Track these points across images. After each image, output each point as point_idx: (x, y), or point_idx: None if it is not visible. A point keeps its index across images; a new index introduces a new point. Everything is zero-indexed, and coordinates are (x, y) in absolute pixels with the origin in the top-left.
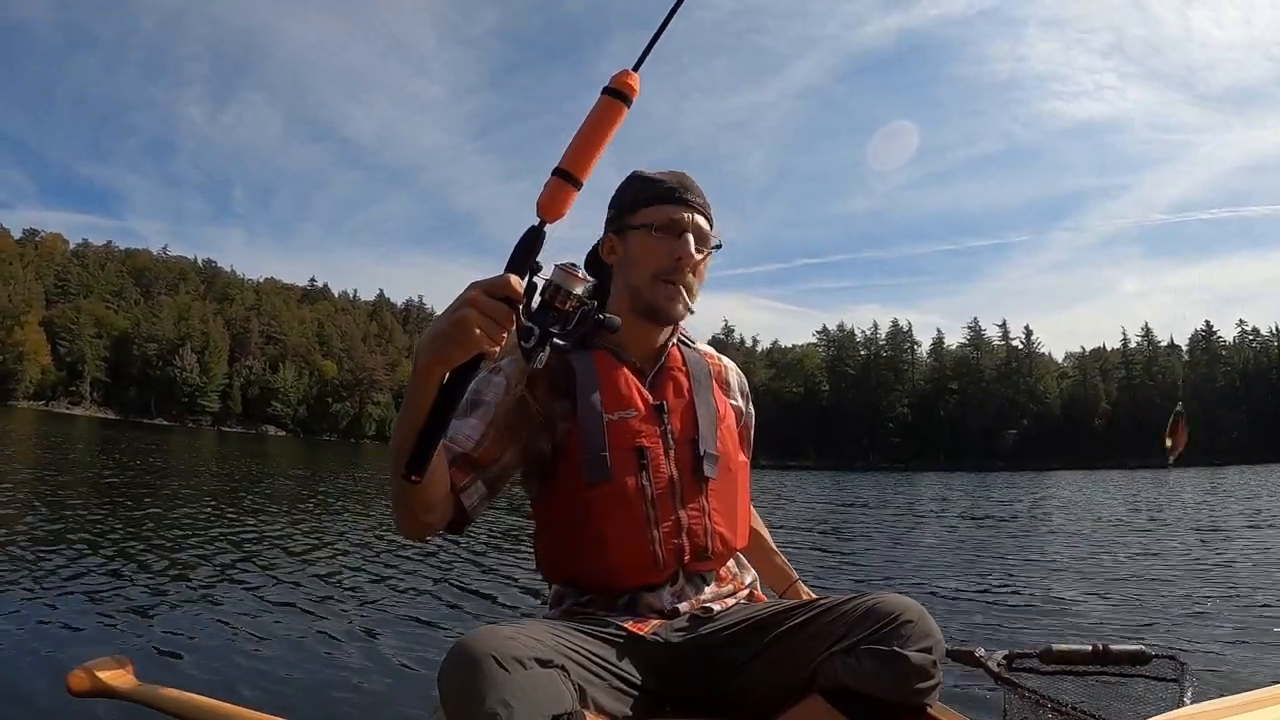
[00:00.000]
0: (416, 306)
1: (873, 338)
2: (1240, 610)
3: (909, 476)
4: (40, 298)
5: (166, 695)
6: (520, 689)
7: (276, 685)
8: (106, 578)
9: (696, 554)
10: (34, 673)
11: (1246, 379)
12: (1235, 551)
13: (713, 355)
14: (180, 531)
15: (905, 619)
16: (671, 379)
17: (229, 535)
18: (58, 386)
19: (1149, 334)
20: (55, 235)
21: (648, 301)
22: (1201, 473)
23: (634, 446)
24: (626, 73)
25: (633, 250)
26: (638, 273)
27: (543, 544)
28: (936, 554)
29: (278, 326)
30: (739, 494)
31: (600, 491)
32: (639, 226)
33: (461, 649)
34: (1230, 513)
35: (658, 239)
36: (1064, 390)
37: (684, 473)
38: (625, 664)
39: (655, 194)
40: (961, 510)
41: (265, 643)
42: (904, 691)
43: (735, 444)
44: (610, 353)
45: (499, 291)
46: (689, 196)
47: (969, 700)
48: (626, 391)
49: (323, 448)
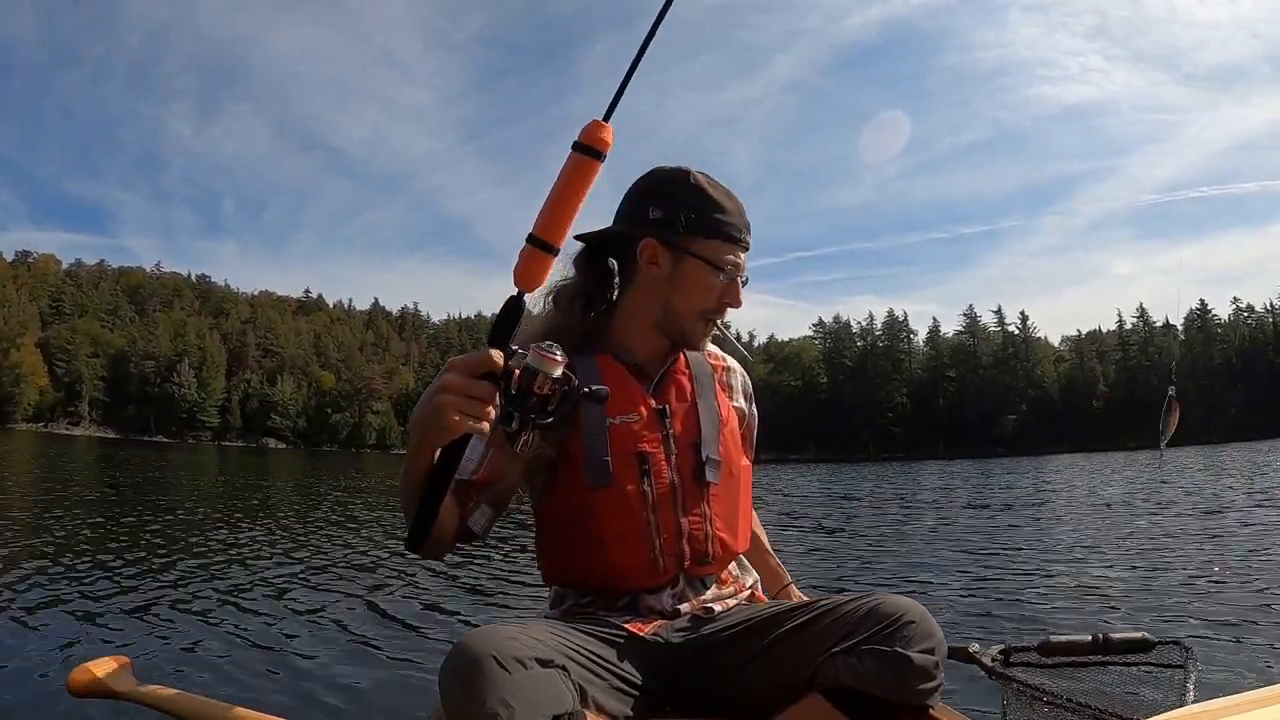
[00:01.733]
0: (412, 314)
1: (869, 329)
2: (1247, 594)
3: (909, 466)
4: (35, 319)
5: (166, 695)
6: (521, 689)
7: (276, 685)
8: (108, 581)
9: (697, 558)
10: (34, 673)
11: (1244, 356)
12: (1239, 532)
13: (716, 355)
14: (181, 538)
15: (908, 620)
16: (675, 383)
17: (230, 540)
18: (56, 407)
19: (1144, 315)
20: (48, 256)
21: (683, 331)
22: (1202, 450)
23: (636, 451)
24: (597, 124)
25: (684, 276)
26: (683, 302)
27: (544, 546)
28: (936, 544)
29: (274, 339)
30: (740, 498)
31: (602, 496)
32: (700, 257)
33: (462, 649)
34: (1233, 492)
35: (717, 279)
36: (1061, 374)
37: (685, 478)
38: (626, 664)
39: (725, 230)
40: (961, 498)
41: (265, 643)
42: (906, 692)
43: (738, 448)
44: (615, 355)
45: (478, 369)
46: (749, 239)
47: (971, 699)
48: (629, 396)
49: (324, 458)
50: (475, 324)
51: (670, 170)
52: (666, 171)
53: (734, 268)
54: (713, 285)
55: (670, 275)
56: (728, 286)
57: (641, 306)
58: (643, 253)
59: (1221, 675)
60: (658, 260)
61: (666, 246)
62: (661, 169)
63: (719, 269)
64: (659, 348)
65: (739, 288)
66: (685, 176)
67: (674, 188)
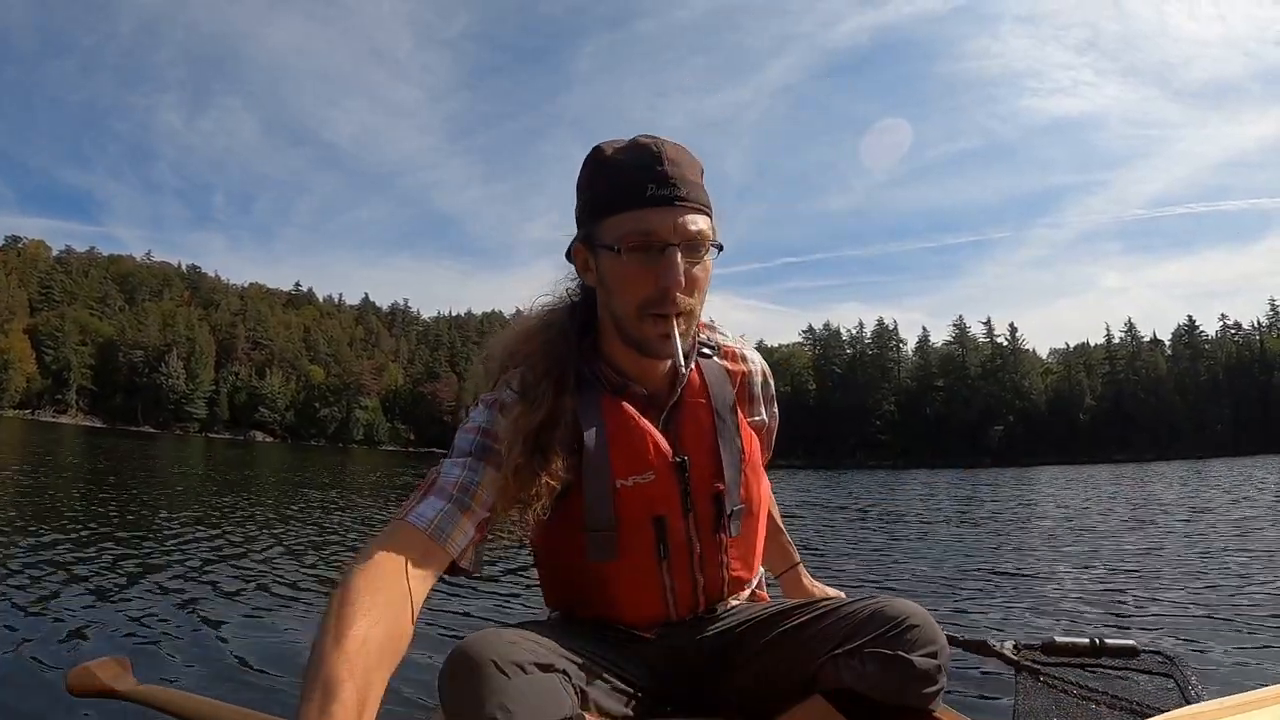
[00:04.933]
0: (402, 310)
1: (858, 336)
2: (1229, 604)
3: (896, 474)
4: (24, 305)
5: (166, 695)
6: (520, 694)
7: (276, 685)
8: (106, 580)
9: (710, 603)
10: (33, 673)
11: (1230, 373)
12: (1222, 543)
13: (736, 356)
14: (178, 535)
15: (910, 623)
16: (691, 415)
17: (226, 538)
18: (43, 395)
19: (1132, 329)
20: (38, 242)
21: (635, 339)
22: (1187, 465)
23: (650, 517)
24: None
25: (605, 274)
26: (618, 305)
27: (544, 574)
28: (923, 552)
29: (264, 332)
30: (759, 533)
31: (609, 567)
32: (604, 246)
33: (461, 653)
34: (1216, 505)
35: (633, 262)
36: (1049, 386)
37: (704, 535)
38: (627, 665)
39: (621, 194)
40: (947, 507)
41: (265, 643)
42: (908, 695)
43: (759, 482)
44: (619, 391)
45: None
46: (669, 190)
47: (971, 706)
48: (642, 449)
49: (311, 453)
50: (465, 321)
51: (588, 154)
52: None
53: (645, 239)
54: (633, 271)
55: (600, 277)
56: (655, 267)
57: (605, 322)
58: (575, 263)
59: (1213, 687)
60: (587, 265)
61: (586, 245)
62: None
63: (626, 250)
64: (648, 366)
65: (671, 261)
66: (591, 154)
67: (582, 174)
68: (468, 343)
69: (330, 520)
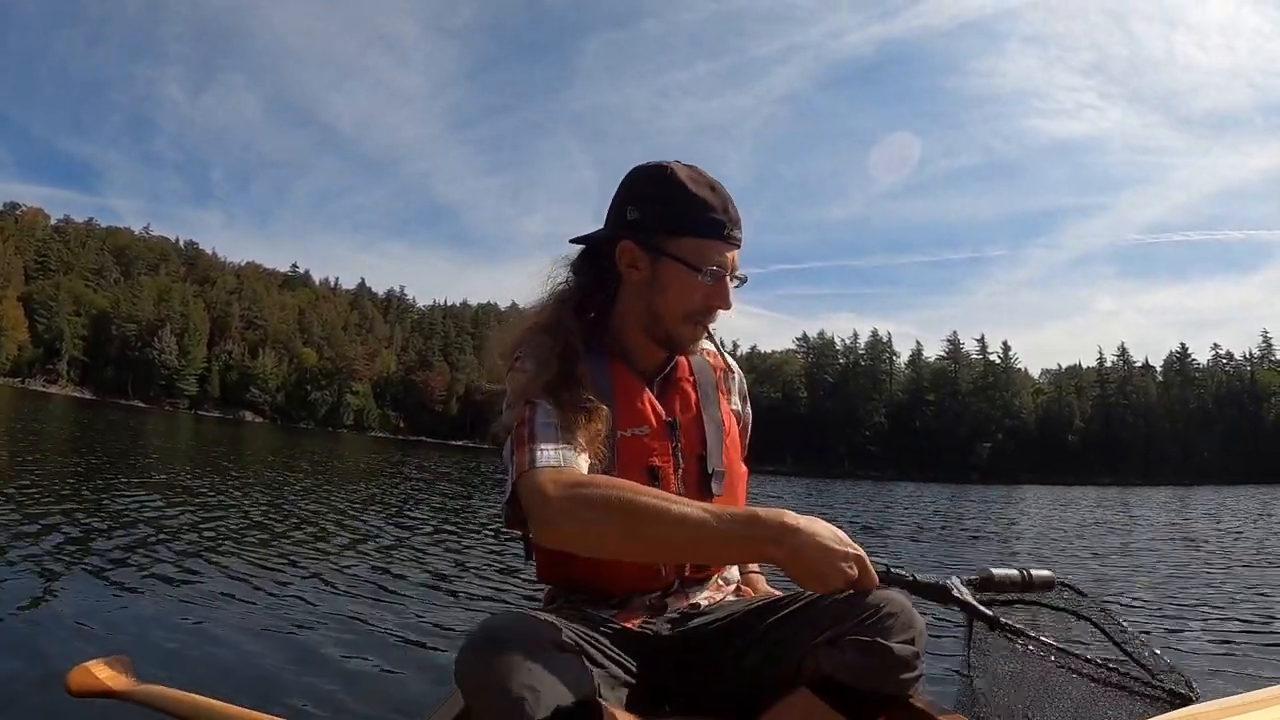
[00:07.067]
0: (398, 297)
1: (852, 346)
2: (1213, 621)
3: (884, 486)
4: (20, 273)
5: (166, 695)
6: (544, 673)
7: (276, 684)
8: (104, 577)
9: (697, 566)
10: (33, 673)
11: (1220, 402)
12: (1208, 563)
13: (714, 354)
14: (177, 530)
15: (889, 610)
16: (679, 391)
17: (226, 532)
18: (34, 363)
19: (1124, 354)
20: (36, 210)
21: (671, 337)
22: (1175, 491)
23: (646, 466)
24: None
25: (664, 281)
26: (665, 305)
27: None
28: (919, 555)
29: (258, 311)
30: (738, 500)
31: None
32: (679, 259)
33: (484, 633)
34: (1201, 528)
35: (698, 280)
36: (1039, 406)
37: (691, 491)
38: (622, 656)
39: (703, 226)
40: (933, 521)
41: (265, 641)
42: (886, 682)
43: (738, 455)
44: (623, 361)
45: None
46: (737, 234)
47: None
48: (640, 407)
49: (301, 435)
50: (460, 312)
51: (650, 167)
52: (646, 169)
53: (717, 267)
54: (694, 286)
55: (650, 278)
56: (713, 288)
57: (630, 310)
58: (620, 256)
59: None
60: (636, 264)
61: (643, 248)
62: (642, 166)
63: (697, 269)
64: (653, 352)
65: (727, 288)
66: (662, 172)
67: (650, 185)
68: (462, 333)
69: (328, 515)
